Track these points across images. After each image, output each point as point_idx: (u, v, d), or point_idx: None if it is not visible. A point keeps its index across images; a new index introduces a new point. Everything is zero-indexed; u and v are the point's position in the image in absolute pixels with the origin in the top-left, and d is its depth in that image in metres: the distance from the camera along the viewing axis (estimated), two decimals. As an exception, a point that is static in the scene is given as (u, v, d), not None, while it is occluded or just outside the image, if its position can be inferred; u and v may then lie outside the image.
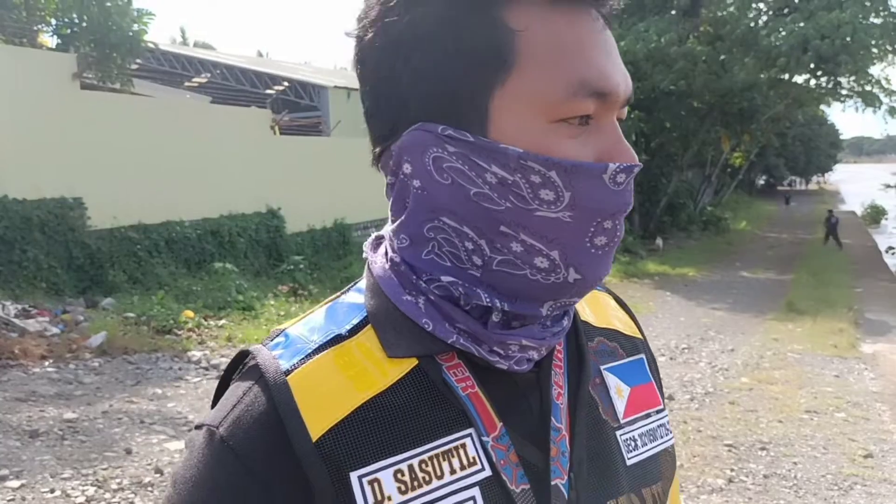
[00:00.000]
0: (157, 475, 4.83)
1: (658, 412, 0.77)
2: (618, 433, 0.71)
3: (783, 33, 20.46)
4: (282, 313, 10.54)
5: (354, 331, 0.64)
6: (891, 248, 26.95)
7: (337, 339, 0.63)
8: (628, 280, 15.85)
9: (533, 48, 0.58)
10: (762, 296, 15.18)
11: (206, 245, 12.35)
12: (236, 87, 20.14)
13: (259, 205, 13.86)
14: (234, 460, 0.58)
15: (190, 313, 9.74)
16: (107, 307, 9.70)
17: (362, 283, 0.69)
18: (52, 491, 4.52)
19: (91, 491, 4.56)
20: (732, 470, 5.50)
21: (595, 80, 0.58)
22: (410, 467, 0.59)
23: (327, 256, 15.08)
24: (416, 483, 0.59)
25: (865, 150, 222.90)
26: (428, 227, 0.62)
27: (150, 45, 13.11)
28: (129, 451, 5.22)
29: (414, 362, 0.62)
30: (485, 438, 0.62)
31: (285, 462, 0.58)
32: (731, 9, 22.67)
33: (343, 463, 0.58)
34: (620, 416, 0.72)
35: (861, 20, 20.07)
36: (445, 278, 0.63)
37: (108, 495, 4.54)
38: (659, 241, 21.55)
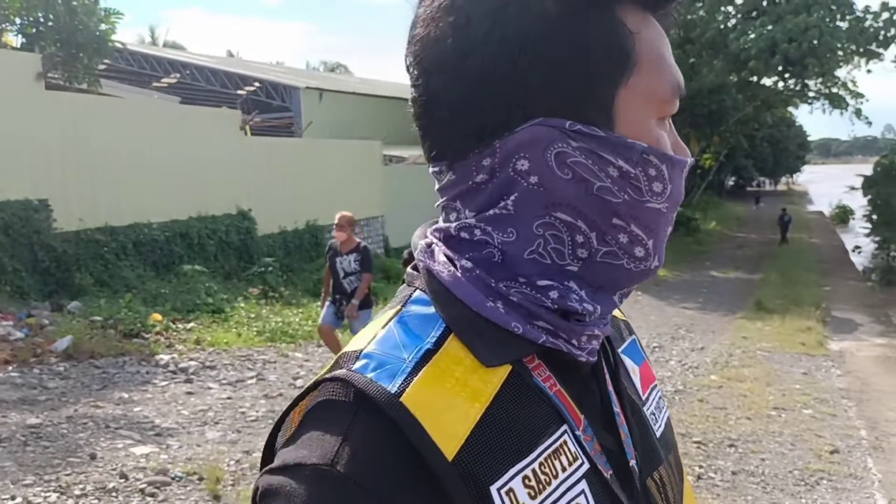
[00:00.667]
0: (122, 480, 4.75)
1: (655, 386, 0.82)
2: (644, 409, 0.76)
3: (752, 36, 20.76)
4: (252, 315, 10.45)
5: (440, 343, 0.62)
6: (857, 247, 27.41)
7: (428, 355, 0.60)
8: (600, 280, 15.94)
9: (646, 50, 0.62)
10: (732, 295, 15.36)
11: (174, 247, 12.20)
12: (206, 87, 19.97)
13: (229, 206, 13.73)
14: (366, 497, 0.54)
15: (158, 316, 9.62)
16: (73, 311, 9.54)
17: (418, 294, 0.66)
18: (13, 498, 4.42)
19: (53, 497, 4.48)
20: (701, 467, 5.54)
21: (681, 83, 0.65)
22: (534, 471, 0.59)
23: (299, 258, 14.98)
24: (540, 486, 0.60)
25: (833, 151, 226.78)
26: (538, 224, 0.62)
27: (118, 45, 12.94)
28: (93, 457, 5.12)
29: (508, 368, 0.62)
30: (577, 433, 0.64)
31: (422, 488, 0.55)
32: (701, 12, 22.93)
33: (481, 478, 0.57)
34: (641, 393, 0.77)
35: (828, 24, 20.43)
36: (542, 282, 0.63)
37: (70, 501, 4.45)
38: (631, 242, 21.70)
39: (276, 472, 0.57)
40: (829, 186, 72.08)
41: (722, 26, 22.76)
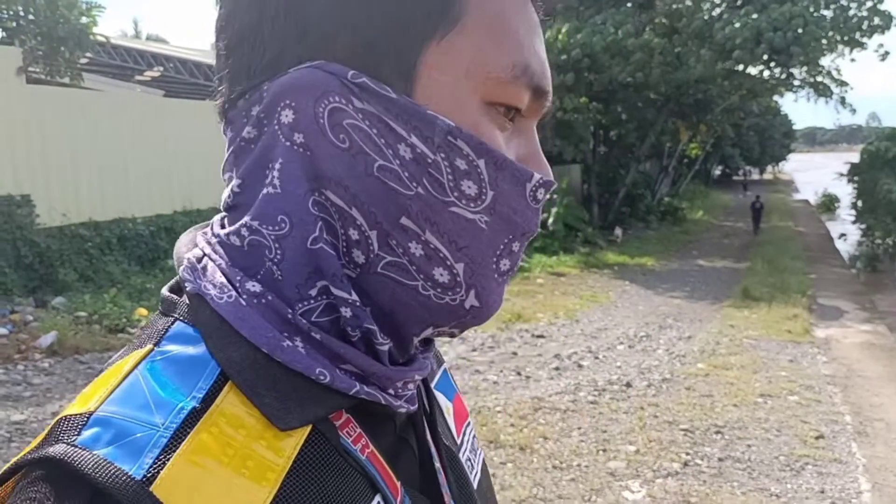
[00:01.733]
0: (108, 476, 4.72)
1: (469, 423, 0.68)
2: (460, 455, 0.63)
3: (737, 26, 20.78)
4: (239, 309, 10.41)
5: (211, 398, 0.44)
6: (843, 234, 27.59)
7: (194, 416, 0.43)
8: (588, 271, 15.98)
9: (482, 8, 0.49)
10: (719, 283, 15.41)
11: (159, 242, 12.15)
12: (190, 80, 19.80)
13: (215, 200, 13.64)
14: None
15: (144, 311, 9.57)
16: (57, 306, 9.48)
17: (179, 327, 0.48)
18: (-3, 495, 4.39)
19: (38, 494, 4.45)
20: (688, 454, 5.57)
21: (538, 73, 0.51)
22: None
23: (286, 252, 14.96)
24: None
25: (818, 140, 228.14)
26: (313, 201, 0.47)
27: (100, 39, 12.82)
28: (78, 452, 5.09)
29: (308, 428, 0.46)
30: None
31: None
32: (687, 2, 22.95)
33: None
34: (455, 436, 0.64)
35: (812, 13, 20.50)
36: (337, 291, 0.48)
37: (55, 497, 4.42)
38: (618, 232, 21.75)
39: None
40: (814, 175, 72.53)
41: (707, 16, 22.79)
